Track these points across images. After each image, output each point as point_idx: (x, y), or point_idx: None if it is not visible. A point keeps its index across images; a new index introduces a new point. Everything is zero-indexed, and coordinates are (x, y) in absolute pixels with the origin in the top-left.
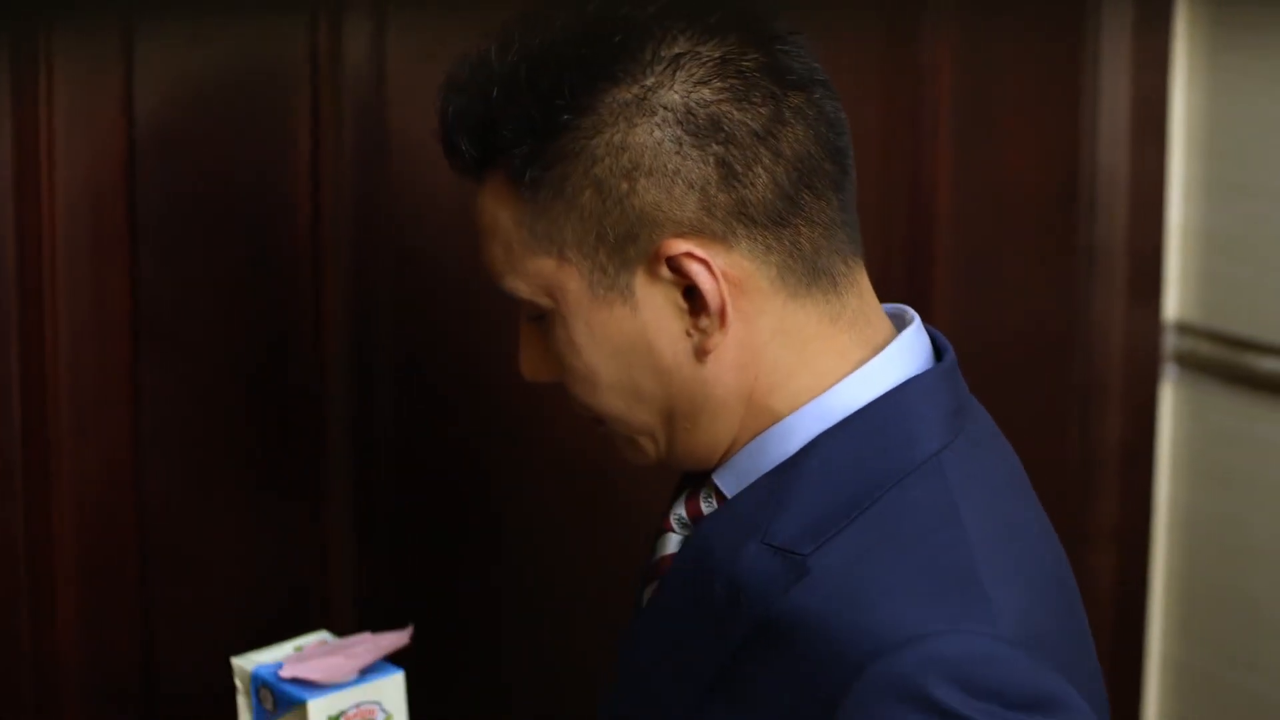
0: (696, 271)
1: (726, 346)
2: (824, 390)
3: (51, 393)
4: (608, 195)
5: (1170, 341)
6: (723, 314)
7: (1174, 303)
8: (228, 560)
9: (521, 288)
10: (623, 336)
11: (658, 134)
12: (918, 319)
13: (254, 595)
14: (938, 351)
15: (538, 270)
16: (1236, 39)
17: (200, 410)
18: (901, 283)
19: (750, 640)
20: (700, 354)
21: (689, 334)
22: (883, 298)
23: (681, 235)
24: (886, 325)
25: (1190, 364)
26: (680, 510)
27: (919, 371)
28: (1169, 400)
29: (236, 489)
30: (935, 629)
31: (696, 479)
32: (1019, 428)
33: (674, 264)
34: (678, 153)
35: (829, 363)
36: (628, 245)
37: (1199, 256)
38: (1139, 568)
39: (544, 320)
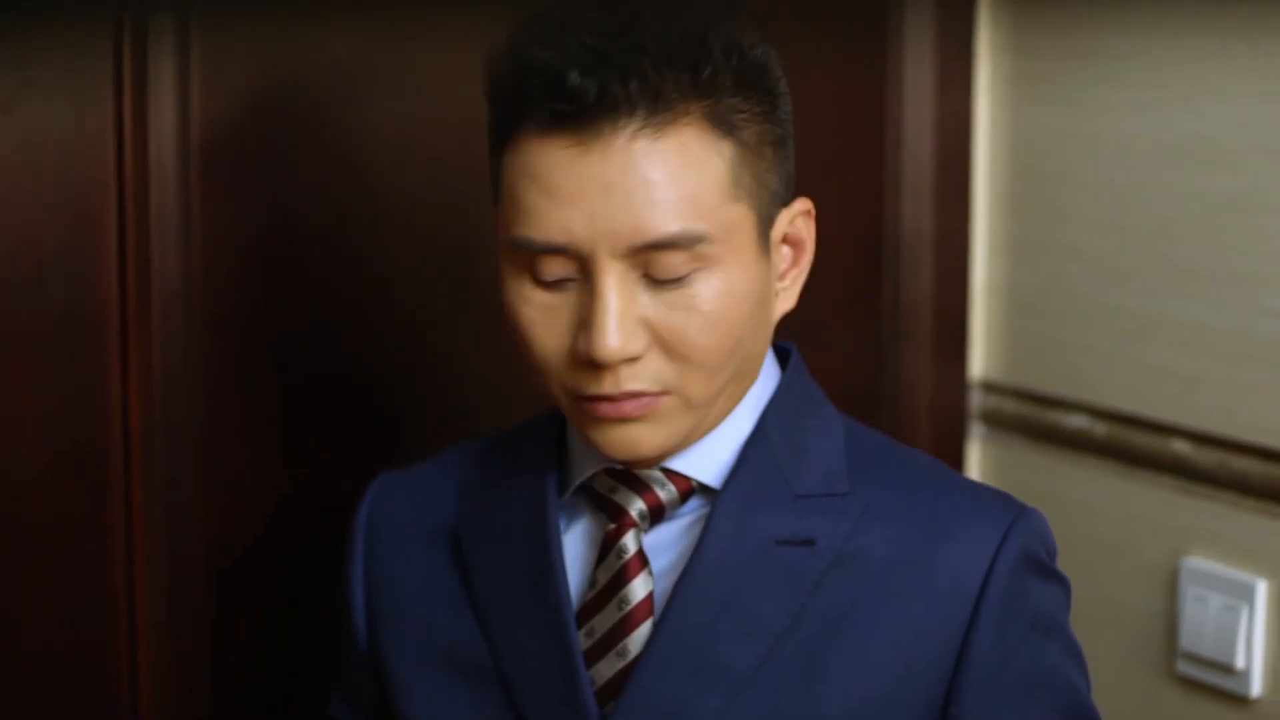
0: (809, 229)
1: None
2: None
3: None
4: (778, 154)
5: (976, 399)
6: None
7: (979, 361)
8: (38, 633)
9: (708, 231)
10: (762, 290)
11: (784, 111)
12: None
13: (64, 666)
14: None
15: (730, 217)
16: (1038, 96)
17: (9, 480)
18: None
19: (830, 574)
20: (781, 313)
21: (777, 294)
22: None
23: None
24: None
25: (996, 422)
26: (640, 505)
27: (771, 362)
28: (975, 458)
29: (47, 559)
30: (1016, 512)
31: (591, 489)
32: None
33: (797, 222)
34: (788, 125)
35: None
36: (776, 202)
37: (1003, 314)
38: None
39: (687, 278)
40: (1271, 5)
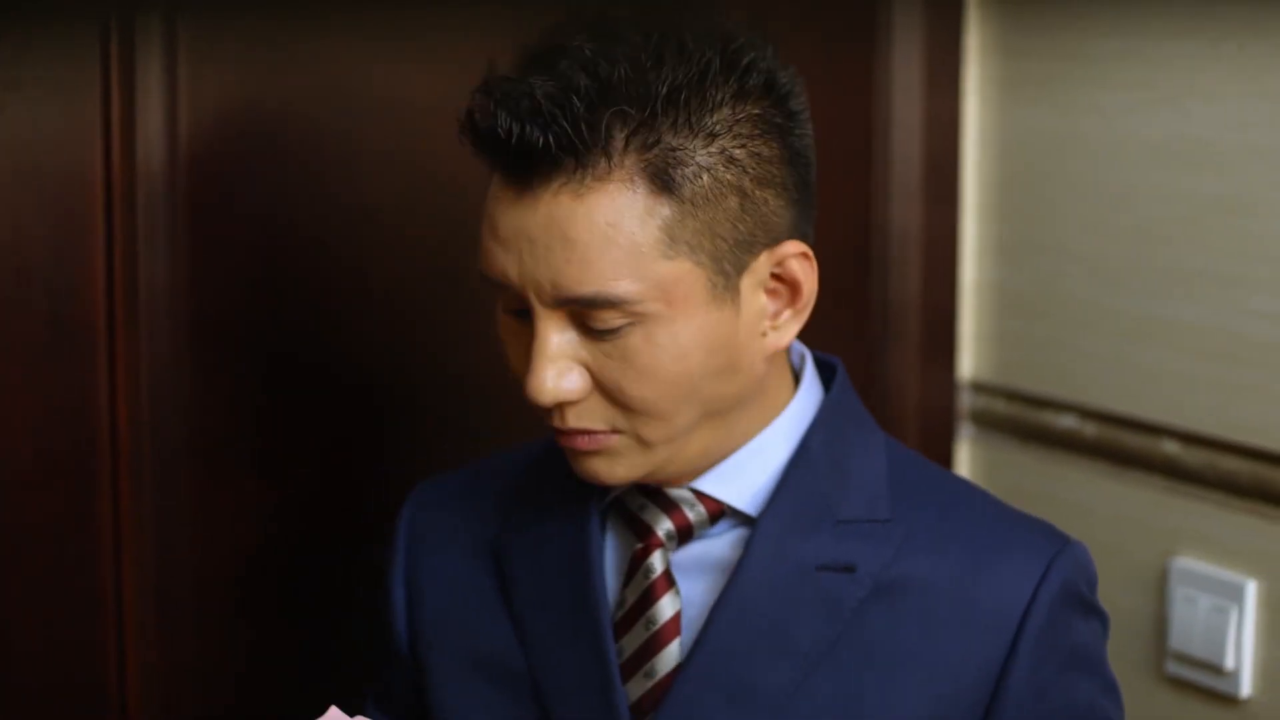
0: (804, 270)
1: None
2: (794, 393)
3: None
4: (747, 201)
5: (965, 400)
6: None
7: (968, 361)
8: (26, 633)
9: (633, 292)
10: (721, 337)
11: (779, 147)
12: None
13: (53, 666)
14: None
15: (665, 274)
16: (1026, 97)
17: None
18: None
19: (869, 601)
20: (771, 351)
21: (765, 333)
22: None
23: (790, 239)
24: None
25: (986, 422)
26: (668, 524)
27: (813, 380)
28: (965, 459)
29: (35, 560)
30: (1059, 544)
31: (622, 505)
32: None
33: (787, 264)
34: (788, 163)
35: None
36: (749, 249)
37: (993, 315)
38: None
39: (621, 330)
40: (1260, 6)
